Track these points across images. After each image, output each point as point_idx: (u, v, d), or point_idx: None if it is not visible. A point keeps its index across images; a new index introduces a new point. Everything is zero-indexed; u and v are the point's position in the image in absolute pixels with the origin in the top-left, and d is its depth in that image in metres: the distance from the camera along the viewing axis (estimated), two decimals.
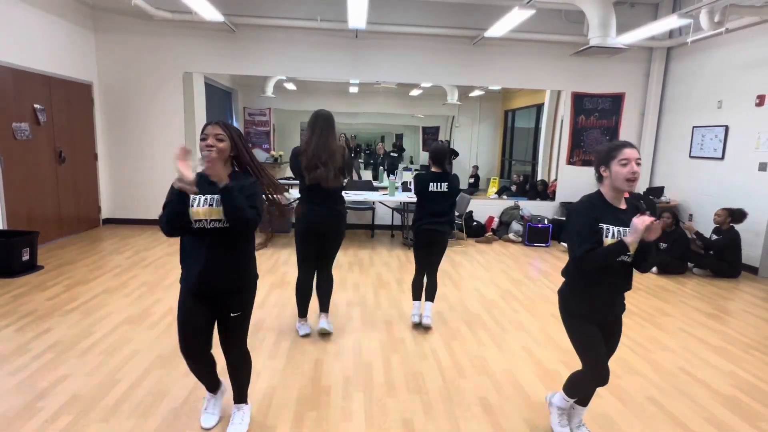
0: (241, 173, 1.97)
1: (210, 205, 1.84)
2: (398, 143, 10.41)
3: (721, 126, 5.86)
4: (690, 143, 6.41)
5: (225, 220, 1.85)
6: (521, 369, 2.92)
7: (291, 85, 8.55)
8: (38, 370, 2.66)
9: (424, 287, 3.54)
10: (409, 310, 3.75)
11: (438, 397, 2.55)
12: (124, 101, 6.50)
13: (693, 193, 6.35)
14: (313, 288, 3.29)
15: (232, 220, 1.83)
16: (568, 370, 2.88)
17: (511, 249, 6.34)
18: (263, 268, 4.77)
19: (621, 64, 6.95)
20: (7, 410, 2.28)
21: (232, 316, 1.99)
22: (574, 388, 2.12)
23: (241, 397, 2.20)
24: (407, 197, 6.03)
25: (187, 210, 1.82)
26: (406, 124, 10.37)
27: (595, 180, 2.00)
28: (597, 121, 7.17)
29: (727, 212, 5.09)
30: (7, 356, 2.80)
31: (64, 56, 5.71)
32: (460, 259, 5.68)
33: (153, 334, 3.18)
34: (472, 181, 9.81)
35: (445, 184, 3.34)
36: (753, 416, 2.49)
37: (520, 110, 9.75)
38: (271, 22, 6.31)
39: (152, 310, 3.61)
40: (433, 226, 3.37)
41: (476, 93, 9.34)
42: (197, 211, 1.85)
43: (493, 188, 8.29)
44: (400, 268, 5.16)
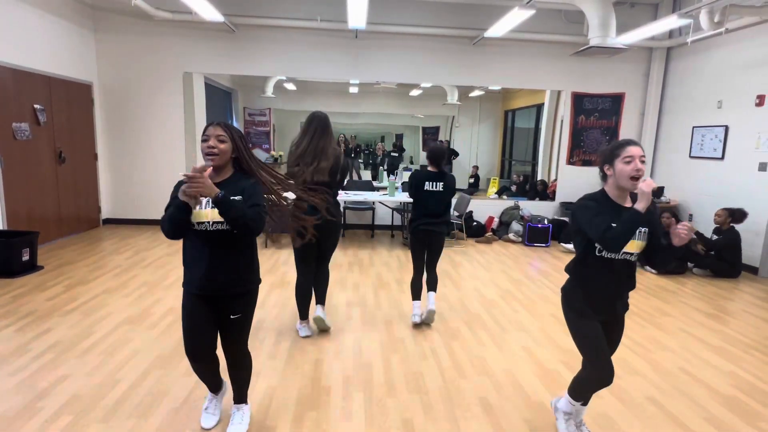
0: (242, 174, 1.97)
1: (213, 208, 1.82)
2: (398, 143, 10.41)
3: (721, 126, 5.86)
4: (690, 143, 6.41)
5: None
6: (521, 369, 2.92)
7: (291, 86, 8.56)
8: (38, 370, 2.66)
9: (425, 281, 3.55)
10: (409, 310, 3.75)
11: (438, 397, 2.55)
12: (124, 101, 6.51)
13: (693, 193, 6.35)
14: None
15: (235, 227, 1.82)
16: (568, 370, 2.89)
17: (511, 249, 6.34)
18: (263, 269, 4.77)
19: (621, 64, 6.95)
20: (7, 410, 2.28)
21: (232, 318, 1.99)
22: (579, 389, 2.10)
23: (241, 397, 2.20)
24: (407, 197, 6.02)
25: (189, 217, 1.81)
26: (406, 124, 10.38)
27: (595, 180, 2.00)
28: (597, 121, 7.17)
29: (727, 212, 5.10)
30: (7, 356, 2.80)
31: (64, 56, 5.71)
32: (460, 259, 5.68)
33: (153, 334, 3.18)
34: (472, 181, 9.81)
35: (440, 183, 3.35)
36: (753, 416, 2.49)
37: (520, 110, 9.75)
38: (271, 22, 6.31)
39: (152, 310, 3.61)
40: (430, 227, 3.38)
41: (476, 93, 9.34)
42: (202, 213, 1.84)
43: (493, 188, 8.30)
44: (400, 268, 5.16)
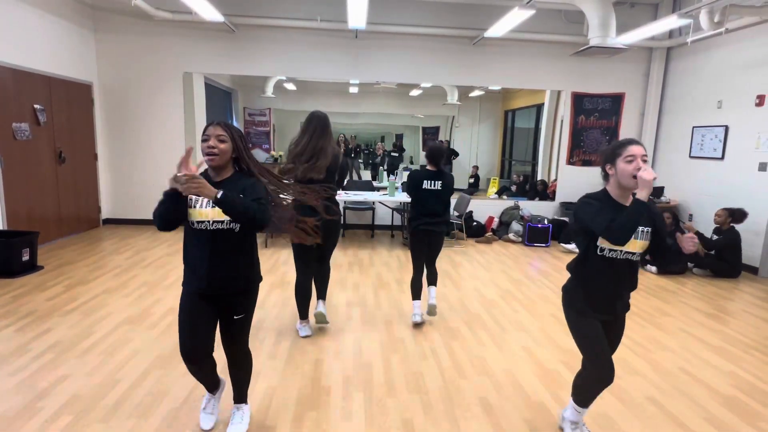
0: (242, 174, 1.97)
1: (214, 207, 1.81)
2: (398, 143, 10.40)
3: (720, 126, 5.86)
4: (690, 143, 6.41)
5: (230, 220, 1.83)
6: (521, 369, 2.92)
7: (291, 86, 8.55)
8: (38, 370, 2.66)
9: (426, 277, 3.56)
10: (409, 310, 3.74)
11: (438, 397, 2.55)
12: (124, 101, 6.51)
13: (693, 194, 6.35)
14: (312, 286, 3.30)
15: (240, 221, 1.82)
16: (568, 370, 2.89)
17: (511, 249, 6.34)
18: (263, 268, 4.75)
19: (621, 64, 6.95)
20: (7, 410, 2.28)
21: (235, 318, 1.99)
22: (581, 392, 2.09)
23: (241, 397, 2.20)
24: (407, 197, 6.02)
25: (178, 207, 1.79)
26: (406, 124, 10.36)
27: (595, 180, 1.99)
28: (597, 121, 7.17)
29: (727, 212, 5.09)
30: (7, 356, 2.80)
31: (64, 56, 5.71)
32: (460, 259, 5.68)
33: (153, 334, 3.18)
34: (472, 181, 9.81)
35: (439, 182, 3.35)
36: (752, 416, 2.49)
37: (520, 110, 9.75)
38: (271, 22, 6.31)
39: (152, 310, 3.61)
40: (430, 227, 3.39)
41: (476, 93, 9.34)
42: (202, 213, 1.84)
43: (493, 188, 8.30)
44: (400, 268, 5.16)
